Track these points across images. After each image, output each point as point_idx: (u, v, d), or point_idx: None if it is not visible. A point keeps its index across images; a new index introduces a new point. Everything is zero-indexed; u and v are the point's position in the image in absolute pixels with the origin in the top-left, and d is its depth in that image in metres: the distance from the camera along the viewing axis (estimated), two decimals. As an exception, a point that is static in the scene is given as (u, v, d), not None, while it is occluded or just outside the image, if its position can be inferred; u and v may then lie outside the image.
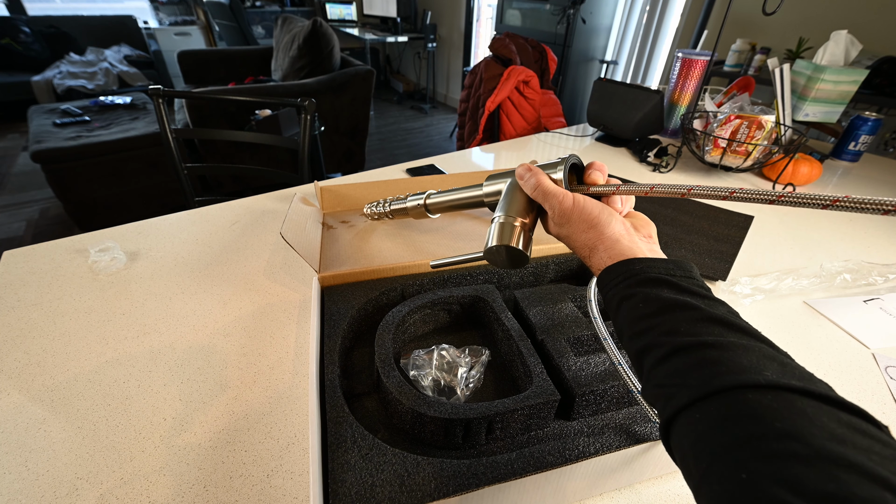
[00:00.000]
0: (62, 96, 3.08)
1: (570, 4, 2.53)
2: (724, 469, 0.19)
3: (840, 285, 0.68)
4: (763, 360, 0.22)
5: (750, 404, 0.20)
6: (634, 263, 0.29)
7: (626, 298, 0.28)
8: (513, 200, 0.38)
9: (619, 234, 0.32)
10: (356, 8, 4.44)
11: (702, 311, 0.25)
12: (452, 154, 1.14)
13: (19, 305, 0.58)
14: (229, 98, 1.12)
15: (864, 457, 0.17)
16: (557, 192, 0.35)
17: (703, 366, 0.23)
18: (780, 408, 0.19)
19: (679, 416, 0.22)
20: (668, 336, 0.25)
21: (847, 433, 0.18)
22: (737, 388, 0.21)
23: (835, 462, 0.17)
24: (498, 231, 0.37)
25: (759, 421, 0.19)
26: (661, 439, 0.25)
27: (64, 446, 0.42)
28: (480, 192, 0.44)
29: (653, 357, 0.25)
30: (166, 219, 0.79)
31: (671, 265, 0.29)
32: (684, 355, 0.24)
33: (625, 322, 0.28)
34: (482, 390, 0.46)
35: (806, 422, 0.18)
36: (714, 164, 1.04)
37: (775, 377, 0.21)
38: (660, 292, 0.27)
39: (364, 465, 0.34)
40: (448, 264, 0.44)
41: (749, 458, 0.18)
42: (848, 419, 0.19)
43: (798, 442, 0.18)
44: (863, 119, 1.12)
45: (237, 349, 0.53)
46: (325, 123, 2.26)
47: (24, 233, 2.11)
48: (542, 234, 0.62)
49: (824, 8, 1.94)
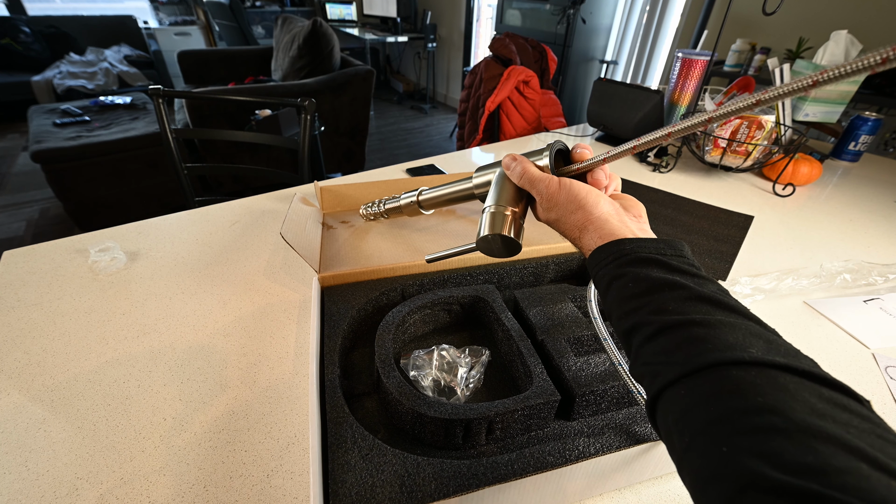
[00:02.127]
0: (62, 96, 3.08)
1: (570, 4, 2.53)
2: (706, 443, 0.19)
3: (840, 285, 0.68)
4: (749, 337, 0.22)
5: (733, 380, 0.20)
6: (625, 244, 0.29)
7: (616, 278, 0.29)
8: (502, 190, 0.38)
9: (608, 213, 0.32)
10: (356, 8, 4.44)
11: (691, 289, 0.26)
12: (452, 154, 1.14)
13: (19, 305, 0.58)
14: (229, 98, 1.12)
15: (842, 430, 0.17)
16: (543, 177, 0.36)
17: (689, 343, 0.23)
18: (763, 383, 0.20)
19: (665, 392, 0.23)
20: (656, 315, 0.25)
21: (827, 408, 0.18)
22: (722, 364, 0.21)
23: (813, 435, 0.17)
24: (489, 220, 0.37)
25: (741, 396, 0.19)
26: (648, 416, 0.25)
27: (64, 446, 0.41)
28: (470, 185, 0.45)
29: (641, 335, 0.26)
30: (166, 219, 0.79)
31: (662, 244, 0.29)
32: (671, 333, 0.24)
33: (614, 301, 0.28)
34: (482, 391, 0.46)
35: (787, 397, 0.19)
36: (714, 164, 1.04)
37: (760, 354, 0.21)
38: (650, 272, 0.27)
39: (364, 466, 0.34)
40: (442, 257, 0.45)
41: (730, 433, 0.19)
42: (829, 394, 0.19)
43: (778, 416, 0.18)
44: (863, 119, 1.12)
45: (237, 349, 0.53)
46: (325, 123, 2.26)
47: (24, 233, 2.11)
48: (542, 234, 0.63)
49: (824, 8, 1.94)
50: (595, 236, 0.32)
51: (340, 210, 0.77)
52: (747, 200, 0.96)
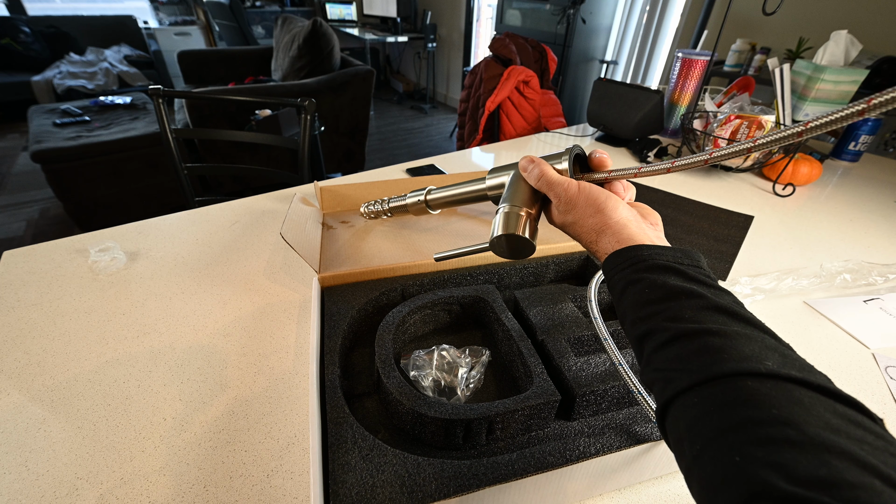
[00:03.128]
0: (62, 96, 3.08)
1: (570, 4, 2.53)
2: (718, 451, 0.19)
3: (840, 285, 0.68)
4: (765, 350, 0.22)
5: (749, 391, 0.20)
6: (643, 249, 0.29)
7: (633, 283, 0.28)
8: (517, 191, 0.38)
9: (627, 219, 0.32)
10: (356, 8, 4.44)
11: (707, 299, 0.25)
12: (452, 154, 1.14)
13: (19, 305, 0.58)
14: (229, 98, 1.12)
15: (856, 446, 0.17)
16: (562, 180, 0.36)
17: (704, 352, 0.23)
18: (778, 396, 0.19)
19: (677, 399, 0.23)
20: (671, 322, 0.25)
21: (841, 423, 0.18)
22: (737, 374, 0.21)
23: (828, 449, 0.17)
24: (503, 220, 0.37)
25: (756, 407, 0.19)
26: (657, 422, 0.25)
27: (64, 446, 0.41)
28: (484, 186, 0.44)
29: (655, 341, 0.25)
30: (166, 219, 0.79)
31: (679, 253, 0.29)
32: (687, 341, 0.24)
33: (629, 306, 0.28)
34: (482, 391, 0.46)
35: (802, 410, 0.19)
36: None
37: (776, 367, 0.21)
38: (667, 279, 0.27)
39: (364, 466, 0.34)
40: (452, 256, 0.44)
41: (744, 442, 0.19)
42: (843, 410, 0.19)
43: (793, 429, 0.18)
44: (863, 119, 1.12)
45: (237, 349, 0.53)
46: (325, 123, 2.26)
47: (24, 233, 2.11)
48: (542, 234, 0.63)
49: (824, 8, 1.94)
50: (613, 240, 0.32)
51: (340, 210, 0.77)
52: (747, 200, 0.96)
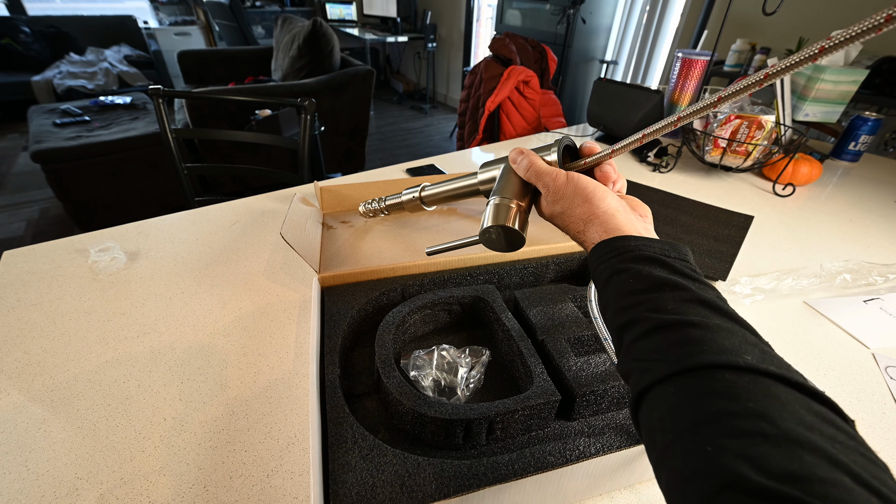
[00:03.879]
0: (62, 96, 3.08)
1: (570, 4, 2.53)
2: (690, 442, 0.19)
3: (840, 285, 0.68)
4: (745, 345, 0.22)
5: (726, 383, 0.20)
6: (630, 240, 0.29)
7: (618, 273, 0.28)
8: (507, 184, 0.38)
9: (615, 209, 0.32)
10: (356, 8, 4.44)
11: (691, 292, 0.25)
12: (452, 154, 1.14)
13: (19, 305, 0.58)
14: (229, 98, 1.12)
15: (828, 444, 0.17)
16: (551, 170, 0.36)
17: (684, 343, 0.23)
18: (755, 390, 0.20)
19: (653, 389, 0.23)
20: (654, 313, 0.25)
21: (816, 421, 0.18)
22: (716, 367, 0.21)
23: (801, 445, 0.17)
24: (493, 212, 0.37)
25: (732, 399, 0.20)
26: (630, 411, 0.25)
27: (64, 446, 0.41)
28: (475, 181, 0.44)
29: (635, 331, 0.25)
30: (166, 219, 0.79)
31: (666, 246, 0.29)
32: (667, 332, 0.24)
33: (612, 295, 0.28)
34: (482, 391, 0.46)
35: (778, 405, 0.19)
36: (714, 164, 1.04)
37: (755, 361, 0.21)
38: (652, 270, 0.27)
39: (365, 466, 0.34)
40: (444, 250, 0.44)
41: (717, 434, 0.19)
42: (818, 409, 0.19)
43: (768, 423, 0.18)
44: (863, 119, 1.12)
45: (237, 349, 0.53)
46: (325, 123, 2.26)
47: (24, 233, 2.11)
48: (542, 234, 0.63)
49: (824, 8, 1.94)
50: (600, 230, 0.31)
51: (340, 210, 0.77)
52: (747, 200, 0.96)
